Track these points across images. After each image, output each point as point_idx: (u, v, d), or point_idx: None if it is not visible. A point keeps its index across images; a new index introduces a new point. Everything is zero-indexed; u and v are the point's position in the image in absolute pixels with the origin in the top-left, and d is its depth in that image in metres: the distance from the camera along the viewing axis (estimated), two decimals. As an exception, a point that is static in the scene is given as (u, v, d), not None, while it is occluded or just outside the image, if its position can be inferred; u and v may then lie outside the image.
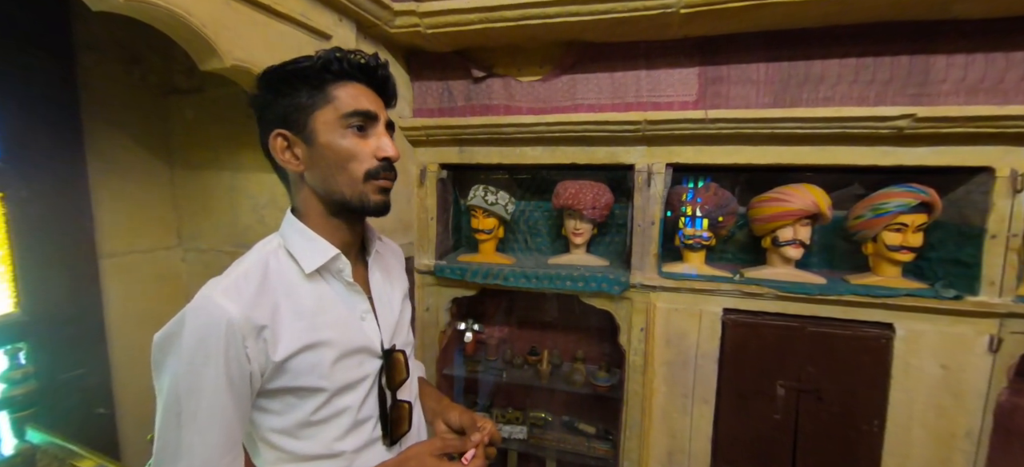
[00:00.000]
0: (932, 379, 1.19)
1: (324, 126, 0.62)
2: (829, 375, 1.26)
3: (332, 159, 0.62)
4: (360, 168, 0.63)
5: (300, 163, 0.63)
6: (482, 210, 1.49)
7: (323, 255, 0.64)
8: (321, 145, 0.62)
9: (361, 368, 0.66)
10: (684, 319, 1.35)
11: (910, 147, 1.15)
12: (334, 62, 0.62)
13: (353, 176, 0.63)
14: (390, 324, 0.72)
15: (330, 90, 0.62)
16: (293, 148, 0.63)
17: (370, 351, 0.67)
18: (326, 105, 0.62)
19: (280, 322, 0.60)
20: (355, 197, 0.64)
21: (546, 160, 1.39)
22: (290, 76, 0.62)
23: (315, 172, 0.63)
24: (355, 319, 0.67)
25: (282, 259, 0.64)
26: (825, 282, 1.26)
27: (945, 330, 1.17)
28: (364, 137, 0.63)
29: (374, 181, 0.65)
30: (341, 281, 0.67)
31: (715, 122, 1.19)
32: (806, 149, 1.21)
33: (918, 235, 1.20)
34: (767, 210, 1.28)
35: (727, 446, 1.36)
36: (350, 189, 0.63)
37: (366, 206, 0.65)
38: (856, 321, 1.24)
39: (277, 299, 0.60)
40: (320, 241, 0.64)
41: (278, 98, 0.62)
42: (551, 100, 1.38)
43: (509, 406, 1.82)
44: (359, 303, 0.68)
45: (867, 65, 1.17)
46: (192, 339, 0.55)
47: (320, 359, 0.61)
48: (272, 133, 0.63)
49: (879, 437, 1.24)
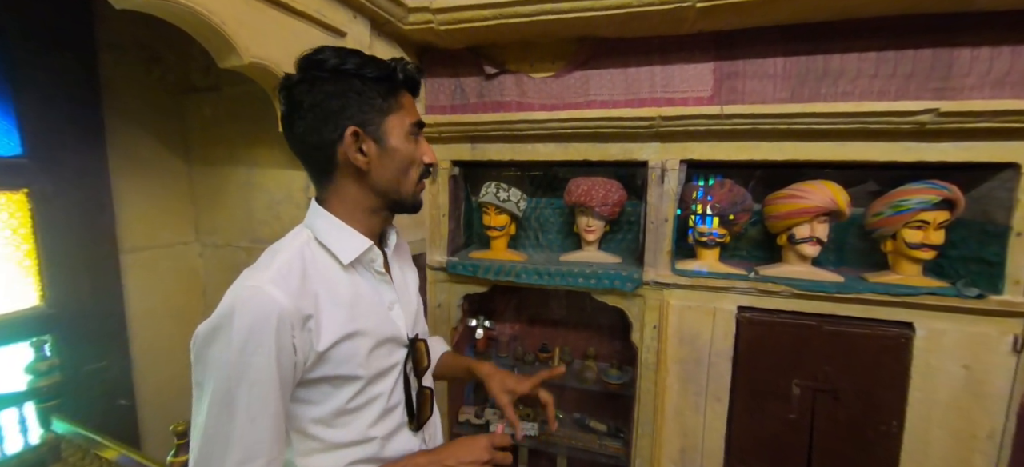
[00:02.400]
0: (953, 380, 1.17)
1: (395, 130, 0.66)
2: (846, 375, 1.24)
3: (400, 162, 0.67)
4: (416, 172, 0.70)
5: (367, 162, 0.65)
6: (494, 207, 1.49)
7: (359, 247, 0.67)
8: (392, 148, 0.66)
9: (391, 356, 0.70)
10: (698, 317, 1.34)
11: (932, 143, 1.13)
12: (402, 70, 0.67)
13: (412, 179, 0.70)
14: (411, 314, 0.76)
15: (398, 97, 0.67)
16: (363, 145, 0.65)
17: (398, 340, 0.71)
18: (398, 111, 0.67)
19: (322, 312, 0.61)
20: (410, 196, 0.70)
21: (558, 157, 1.39)
22: (369, 76, 0.64)
23: (381, 172, 0.67)
24: (384, 309, 0.70)
25: (315, 250, 0.65)
26: (843, 280, 1.24)
27: (967, 330, 1.15)
28: (417, 143, 0.70)
29: (420, 184, 0.72)
30: (372, 272, 0.70)
31: (731, 118, 1.18)
32: (824, 145, 1.19)
33: (940, 233, 1.17)
34: (783, 207, 1.27)
35: (741, 445, 1.35)
36: (408, 189, 0.70)
37: (416, 204, 0.72)
38: (874, 320, 1.22)
39: (317, 289, 0.62)
40: (354, 233, 0.67)
41: (352, 93, 0.63)
42: (564, 96, 1.37)
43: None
44: (387, 293, 0.72)
45: (888, 59, 1.15)
46: (244, 329, 0.54)
47: (358, 348, 0.64)
48: (346, 128, 0.63)
49: (897, 438, 1.22)
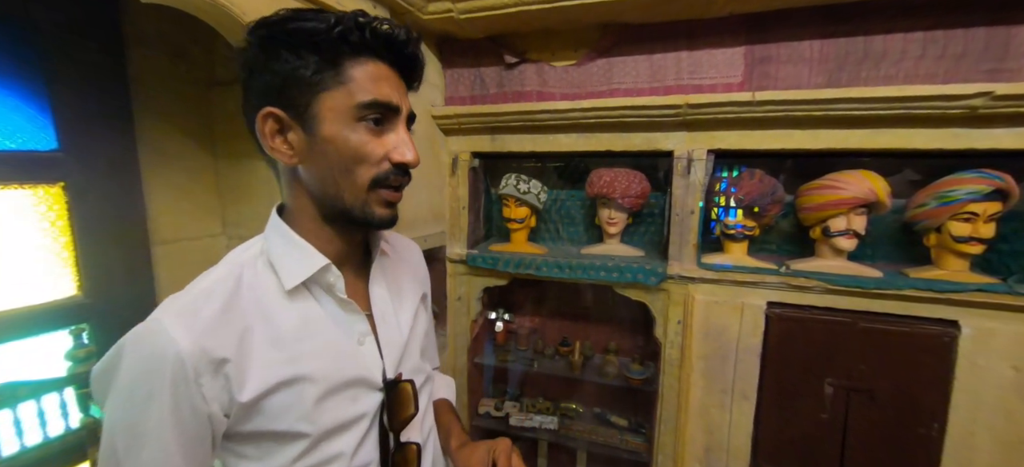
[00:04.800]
0: (1002, 381, 1.10)
1: (332, 113, 0.49)
2: (884, 374, 1.18)
3: (335, 157, 0.50)
4: (367, 173, 0.51)
5: (294, 154, 0.51)
6: (514, 199, 1.47)
7: (309, 266, 0.52)
8: (324, 137, 0.49)
9: (356, 405, 0.54)
10: (725, 312, 1.30)
11: (984, 128, 1.05)
12: (354, 30, 0.49)
13: (358, 182, 0.51)
14: (396, 348, 0.60)
15: (345, 67, 0.49)
16: (287, 133, 0.50)
17: (368, 383, 0.56)
18: (338, 87, 0.49)
19: (250, 353, 0.48)
20: (357, 207, 0.52)
21: (580, 147, 1.36)
22: (294, 38, 0.48)
23: (312, 168, 0.51)
24: (350, 344, 0.55)
25: (260, 271, 0.52)
26: (881, 275, 1.17)
27: (1020, 329, 1.08)
28: (380, 133, 0.52)
29: (381, 190, 0.53)
30: (333, 297, 0.55)
31: (763, 105, 1.12)
32: (863, 133, 1.12)
33: (990, 225, 1.09)
34: (818, 198, 1.21)
35: (769, 444, 1.31)
36: (352, 196, 0.52)
37: (368, 219, 0.53)
38: (915, 317, 1.16)
39: (249, 323, 0.49)
40: (307, 249, 0.53)
41: (273, 62, 0.49)
42: (586, 85, 1.34)
43: (540, 396, 1.81)
44: (356, 324, 0.56)
45: (937, 39, 1.07)
46: (131, 374, 0.45)
47: (299, 398, 0.50)
48: (261, 110, 0.49)
49: (938, 441, 1.16)
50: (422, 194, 1.41)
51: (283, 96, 0.50)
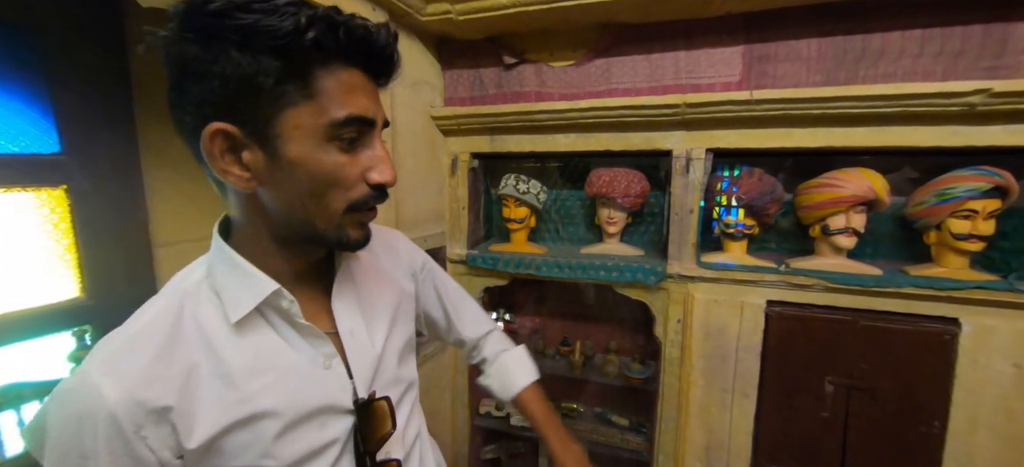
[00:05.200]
0: (1003, 378, 1.10)
1: (299, 132, 0.42)
2: (884, 372, 1.18)
3: (305, 183, 0.44)
4: (343, 198, 0.46)
5: (251, 178, 0.43)
6: (514, 199, 1.47)
7: (255, 294, 0.46)
8: (290, 160, 0.43)
9: (323, 432, 0.50)
10: (724, 311, 1.30)
11: (982, 126, 1.05)
12: (328, 33, 0.41)
13: (331, 207, 0.46)
14: (368, 364, 0.55)
15: (316, 78, 0.42)
16: (240, 152, 0.42)
17: (337, 408, 0.51)
18: (306, 102, 0.42)
19: (196, 394, 0.43)
20: (331, 231, 0.47)
21: (579, 147, 1.36)
22: (249, 37, 0.39)
23: (274, 193, 0.45)
24: (314, 370, 0.50)
25: (205, 300, 0.47)
26: (881, 273, 1.17)
27: (1020, 327, 1.08)
28: (354, 151, 0.46)
29: (357, 214, 0.48)
30: (289, 323, 0.49)
31: (761, 104, 1.13)
32: (862, 131, 1.12)
33: (989, 222, 1.09)
34: (817, 197, 1.21)
35: (770, 443, 1.31)
36: (324, 222, 0.47)
37: (342, 243, 0.49)
38: (916, 315, 1.15)
39: (193, 360, 0.44)
40: (254, 275, 0.47)
41: (217, 65, 0.39)
42: (584, 85, 1.34)
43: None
44: (320, 347, 0.51)
45: (934, 36, 1.07)
46: (61, 437, 0.40)
47: (258, 436, 0.45)
48: (206, 125, 0.41)
49: (940, 439, 1.16)
50: (421, 195, 1.41)
51: (235, 109, 0.41)
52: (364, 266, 0.61)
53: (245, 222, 0.48)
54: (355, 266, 0.59)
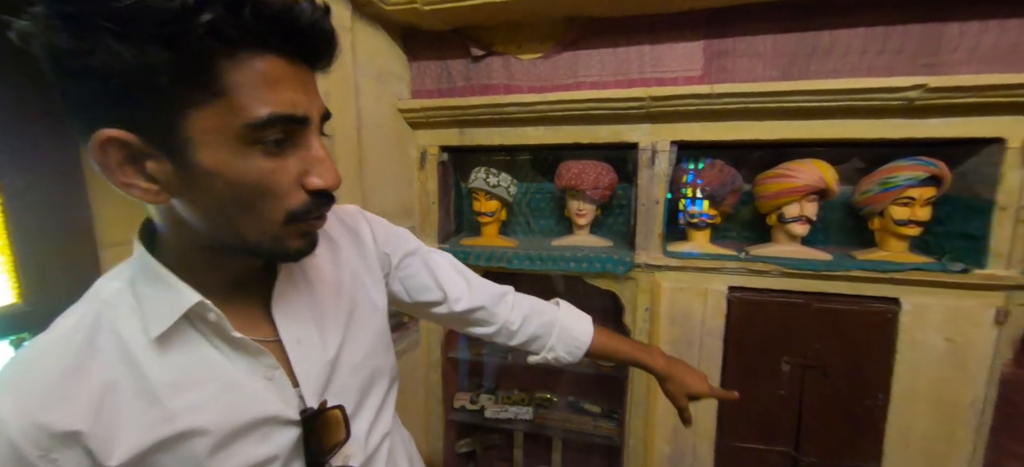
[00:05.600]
0: (937, 352, 1.19)
1: (210, 137, 0.36)
2: (834, 351, 1.26)
3: (226, 194, 0.38)
4: (279, 207, 0.41)
5: (160, 190, 0.38)
6: (484, 193, 1.47)
7: (176, 307, 0.42)
8: (205, 170, 0.37)
9: (264, 446, 0.46)
10: (689, 298, 1.34)
11: (920, 119, 1.13)
12: (227, 16, 0.33)
13: (265, 218, 0.41)
14: (318, 372, 0.50)
15: (220, 73, 0.35)
16: (143, 162, 0.37)
17: (279, 421, 0.47)
18: (212, 101, 0.35)
19: (115, 414, 0.40)
20: (266, 244, 0.42)
21: (548, 140, 1.37)
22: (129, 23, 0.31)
23: (194, 207, 0.40)
24: (253, 382, 0.46)
25: (125, 311, 0.43)
26: (831, 258, 1.25)
27: (951, 304, 1.17)
28: (283, 155, 0.40)
29: (299, 224, 0.43)
30: (221, 337, 0.45)
31: (721, 97, 1.17)
32: (814, 123, 1.18)
33: (926, 209, 1.18)
34: (773, 187, 1.27)
35: (732, 421, 1.37)
36: (257, 234, 0.41)
37: (280, 255, 0.45)
38: (862, 296, 1.24)
39: (112, 377, 0.40)
40: (176, 286, 0.42)
41: (93, 57, 0.32)
42: (552, 78, 1.35)
43: (514, 388, 1.83)
44: (260, 359, 0.47)
45: (877, 35, 1.14)
46: None
47: (187, 454, 0.42)
48: (96, 132, 0.35)
49: (883, 410, 1.25)
50: (390, 189, 1.39)
51: (127, 113, 0.35)
52: (317, 263, 0.55)
53: (167, 230, 0.44)
54: (304, 265, 0.54)
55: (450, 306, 0.69)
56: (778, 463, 1.37)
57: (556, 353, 0.76)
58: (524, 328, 0.74)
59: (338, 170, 0.43)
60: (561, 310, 0.78)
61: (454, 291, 0.69)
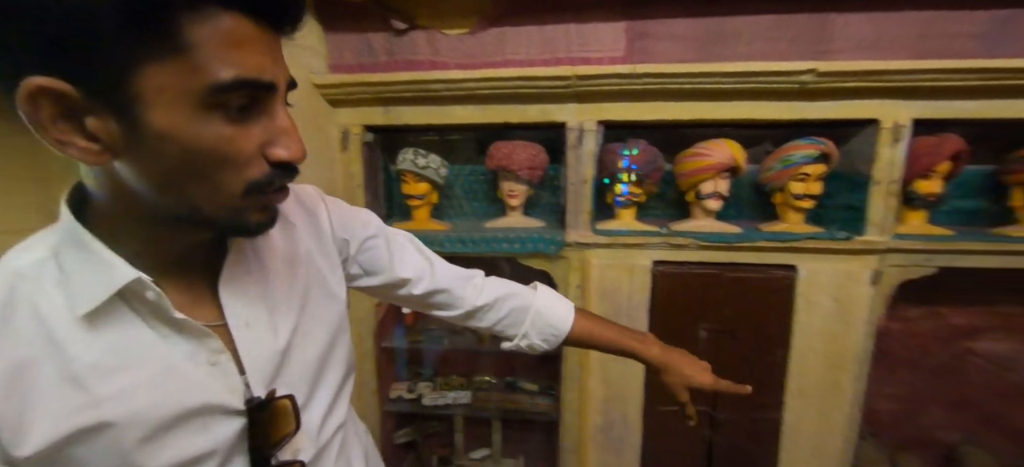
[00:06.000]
0: (826, 311, 1.34)
1: (165, 97, 0.33)
2: (743, 315, 1.37)
3: (179, 160, 0.35)
4: (239, 178, 0.37)
5: (102, 151, 0.34)
6: (413, 174, 1.41)
7: (108, 284, 0.38)
8: (157, 132, 0.33)
9: (204, 437, 0.43)
10: (617, 273, 1.40)
11: (812, 102, 1.24)
12: None
13: (224, 189, 0.37)
14: (267, 359, 0.47)
15: (182, 25, 0.31)
16: (82, 118, 0.33)
17: (222, 410, 0.44)
18: (171, 57, 0.32)
19: (28, 396, 0.36)
20: (224, 216, 0.39)
21: (477, 119, 1.34)
22: None
23: (142, 172, 0.36)
24: (195, 368, 0.42)
25: (48, 284, 0.38)
26: (741, 231, 1.35)
27: (837, 268, 1.32)
28: (246, 123, 0.36)
29: (259, 197, 0.40)
30: (160, 318, 0.41)
31: (641, 77, 1.20)
32: (725, 104, 1.26)
33: (818, 184, 1.31)
34: (690, 165, 1.34)
35: (657, 388, 1.45)
36: (214, 207, 0.38)
37: (239, 229, 0.42)
38: (766, 265, 1.35)
39: (27, 355, 0.37)
40: (109, 261, 0.38)
41: None
42: (480, 55, 1.32)
43: (453, 373, 1.81)
44: (203, 342, 0.43)
45: (777, 23, 1.23)
46: None
47: (114, 443, 0.38)
48: (24, 81, 0.30)
49: (783, 366, 1.39)
50: (309, 172, 1.28)
51: (66, 60, 0.31)
52: (274, 241, 0.51)
53: (103, 197, 0.39)
54: (261, 242, 0.50)
55: (411, 289, 0.66)
56: (698, 421, 1.48)
57: (530, 340, 0.72)
58: (493, 312, 0.70)
59: (303, 143, 0.40)
60: (538, 294, 0.74)
61: (415, 272, 0.66)
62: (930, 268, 1.31)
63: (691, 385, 0.74)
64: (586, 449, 1.52)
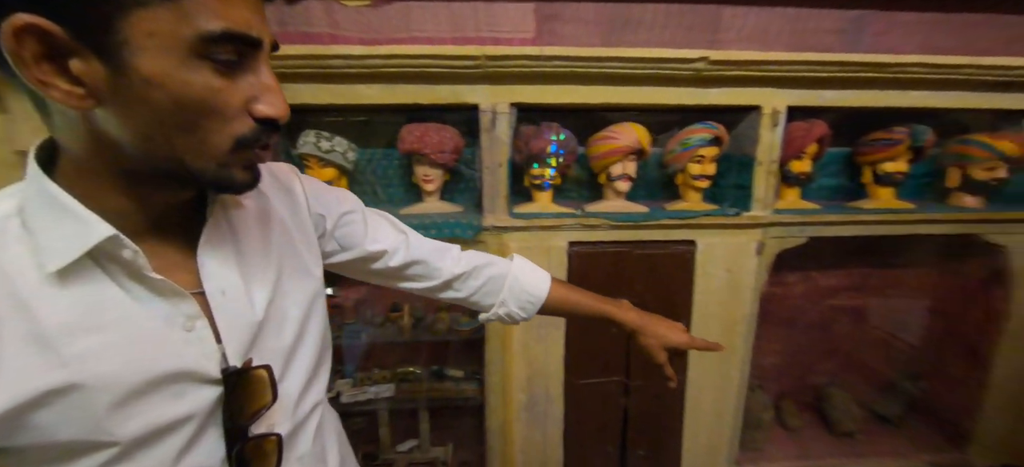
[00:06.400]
0: (720, 282, 1.48)
1: (155, 42, 0.33)
2: (651, 289, 1.47)
3: (169, 110, 0.35)
4: (225, 131, 0.37)
5: (85, 95, 0.34)
6: (317, 159, 1.30)
7: (83, 241, 0.37)
8: (145, 77, 0.33)
9: (178, 404, 0.42)
10: (535, 256, 1.36)
11: (706, 88, 1.33)
12: None
13: (210, 141, 0.37)
14: (244, 328, 0.46)
15: None
16: (67, 59, 0.33)
17: (197, 376, 0.43)
18: (162, 4, 0.32)
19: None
20: (210, 171, 0.39)
21: (385, 100, 1.26)
22: None
23: (126, 121, 0.35)
24: (170, 331, 0.42)
25: (12, 240, 0.37)
26: (647, 210, 1.43)
27: (729, 241, 1.45)
28: (233, 77, 0.37)
29: (246, 152, 0.40)
30: (135, 278, 0.40)
31: (550, 59, 1.20)
32: (630, 89, 1.31)
33: (713, 165, 1.42)
34: (601, 148, 1.38)
35: (576, 363, 1.52)
36: (202, 160, 0.38)
37: (224, 185, 0.41)
38: (671, 241, 1.45)
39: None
40: (83, 217, 0.37)
41: None
42: (384, 30, 1.24)
43: (375, 367, 1.74)
44: (179, 306, 0.42)
45: (674, 12, 1.30)
46: None
47: (83, 406, 0.37)
48: (8, 19, 0.31)
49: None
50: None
51: None
52: (248, 213, 0.51)
53: (79, 150, 0.38)
54: (236, 213, 0.49)
55: (387, 261, 0.67)
56: (614, 391, 1.57)
57: (508, 308, 0.74)
58: (472, 281, 0.72)
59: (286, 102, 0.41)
60: (515, 263, 0.76)
61: (391, 245, 0.67)
62: (802, 238, 1.49)
63: (668, 345, 0.77)
64: (511, 428, 1.55)
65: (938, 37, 1.42)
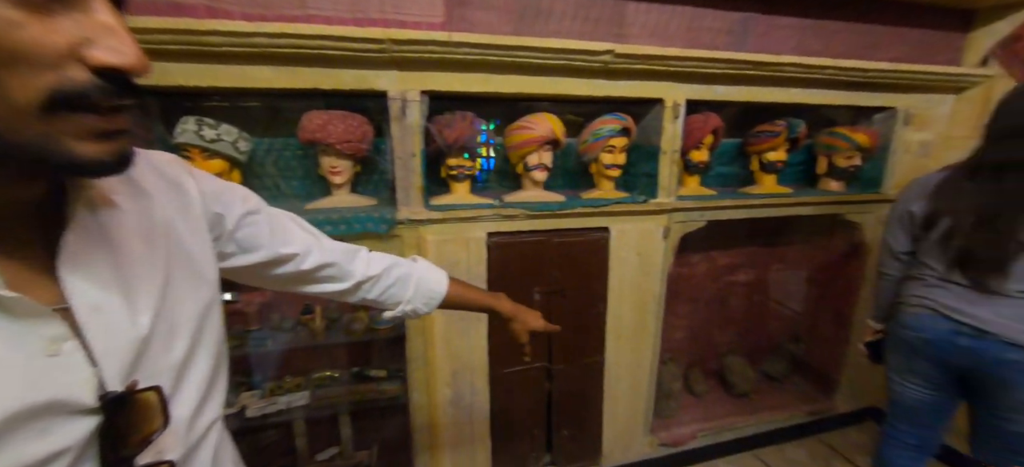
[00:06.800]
0: (632, 265, 1.56)
1: None
2: (569, 275, 1.51)
3: None
4: (32, 83, 0.29)
5: None
6: (200, 150, 1.15)
7: None
8: None
9: (45, 441, 0.36)
10: (454, 248, 1.39)
11: (614, 80, 1.38)
12: None
13: (13, 98, 0.29)
14: (125, 347, 0.41)
15: None
16: None
17: (68, 407, 0.37)
18: None
19: None
20: (30, 145, 0.31)
21: (279, 84, 1.15)
22: None
23: None
24: (32, 358, 0.35)
25: None
26: (564, 199, 1.47)
27: (639, 226, 1.54)
28: (48, 10, 0.29)
29: (76, 117, 0.32)
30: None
31: (460, 47, 1.17)
32: (542, 80, 1.32)
33: (623, 155, 1.49)
34: (517, 138, 1.39)
35: (499, 353, 1.53)
36: (8, 127, 0.30)
37: (62, 162, 0.32)
38: (586, 229, 1.51)
39: None
40: None
41: None
42: (273, 6, 1.12)
43: (287, 375, 1.61)
44: (41, 328, 0.36)
45: (583, 4, 1.33)
46: None
47: None
48: None
49: (603, 316, 1.59)
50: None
51: None
52: (126, 215, 0.44)
53: None
54: (109, 215, 0.42)
55: (298, 264, 0.65)
56: (538, 375, 1.61)
57: (413, 305, 0.79)
58: (382, 282, 0.75)
59: (141, 51, 0.33)
60: (417, 264, 0.81)
61: (303, 247, 0.65)
62: (702, 222, 1.63)
63: (530, 328, 0.94)
64: (438, 425, 1.52)
65: (809, 40, 1.61)
